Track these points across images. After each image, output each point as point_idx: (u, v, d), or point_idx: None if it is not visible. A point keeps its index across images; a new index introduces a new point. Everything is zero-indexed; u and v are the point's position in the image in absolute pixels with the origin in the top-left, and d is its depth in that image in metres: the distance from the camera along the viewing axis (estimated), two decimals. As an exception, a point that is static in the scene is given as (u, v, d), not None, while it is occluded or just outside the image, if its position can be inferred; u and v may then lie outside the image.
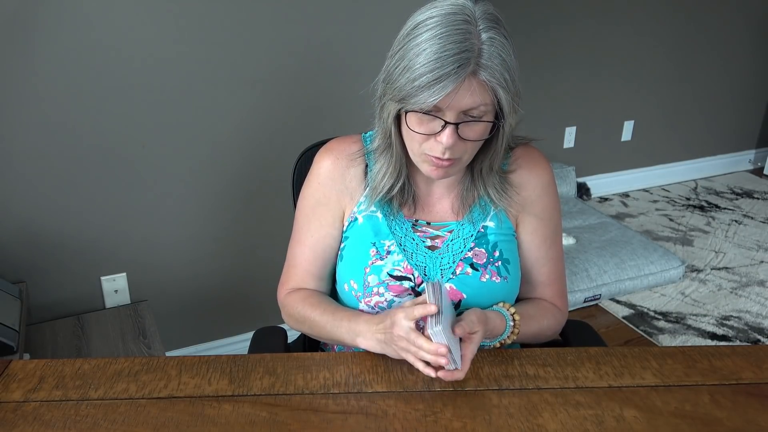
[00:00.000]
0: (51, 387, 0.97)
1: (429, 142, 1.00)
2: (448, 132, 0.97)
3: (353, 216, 1.15)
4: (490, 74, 0.94)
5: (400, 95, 0.97)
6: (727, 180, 4.10)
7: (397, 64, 0.97)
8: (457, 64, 0.92)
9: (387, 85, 1.00)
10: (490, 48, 0.94)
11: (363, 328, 1.04)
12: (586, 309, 2.69)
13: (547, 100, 3.40)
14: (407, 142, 1.05)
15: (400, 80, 0.96)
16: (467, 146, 1.01)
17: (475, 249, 1.12)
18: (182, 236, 2.09)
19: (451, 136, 0.97)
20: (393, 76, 0.98)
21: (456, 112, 0.96)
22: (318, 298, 1.17)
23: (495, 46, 0.94)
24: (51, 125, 1.80)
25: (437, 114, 0.97)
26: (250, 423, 0.89)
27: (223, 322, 2.26)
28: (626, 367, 1.03)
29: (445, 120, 0.96)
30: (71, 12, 1.73)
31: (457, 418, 0.91)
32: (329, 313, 1.11)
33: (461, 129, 0.98)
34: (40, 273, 1.92)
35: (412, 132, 1.00)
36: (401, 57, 0.97)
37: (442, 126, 0.97)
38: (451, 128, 0.97)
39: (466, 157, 1.04)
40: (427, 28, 0.94)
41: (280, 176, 1.99)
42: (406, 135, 1.04)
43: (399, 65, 0.97)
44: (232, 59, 1.96)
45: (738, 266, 3.03)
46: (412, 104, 0.96)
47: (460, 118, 0.97)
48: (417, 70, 0.93)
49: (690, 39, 3.70)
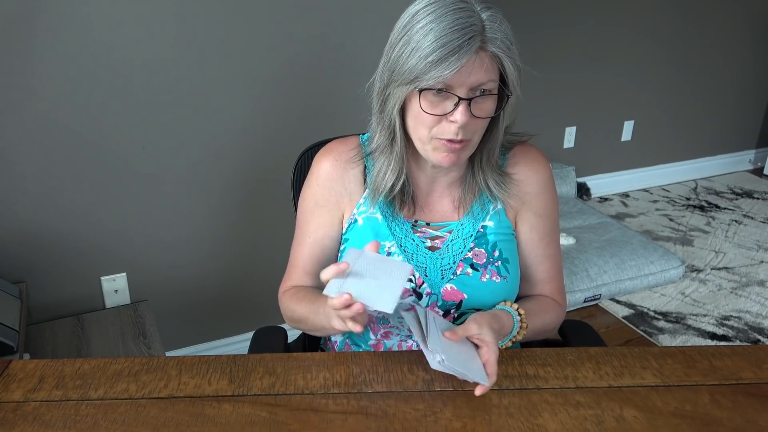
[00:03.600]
0: (51, 387, 0.97)
1: (441, 125, 1.00)
2: (462, 109, 0.97)
3: (353, 218, 1.15)
4: (497, 46, 0.96)
5: (411, 75, 0.97)
6: (727, 180, 4.10)
7: (403, 48, 0.98)
8: (467, 36, 0.93)
9: (393, 72, 1.00)
10: (492, 23, 0.96)
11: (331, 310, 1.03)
12: (586, 309, 2.69)
13: (547, 100, 3.40)
14: (415, 131, 1.04)
15: (410, 61, 0.96)
16: (477, 125, 1.02)
17: (474, 249, 1.12)
18: (182, 236, 2.09)
19: (465, 113, 0.97)
20: (400, 61, 0.98)
21: (467, 89, 0.97)
22: (304, 292, 1.16)
23: (496, 21, 0.96)
24: (51, 125, 1.80)
25: (450, 91, 0.97)
26: (250, 423, 0.89)
27: (223, 322, 2.26)
28: (626, 367, 1.03)
29: (458, 96, 0.97)
30: (71, 12, 1.73)
31: (457, 418, 0.91)
32: (311, 303, 1.11)
33: (472, 106, 0.98)
34: (40, 273, 1.92)
35: (423, 115, 1.00)
36: (406, 42, 0.98)
37: (455, 104, 0.97)
38: (465, 104, 0.97)
39: (475, 138, 1.04)
40: (428, 13, 0.96)
41: (280, 176, 1.99)
42: (414, 122, 1.03)
43: (405, 49, 0.97)
44: (232, 60, 1.96)
45: (738, 266, 3.03)
46: (426, 81, 0.96)
47: (471, 94, 0.98)
48: (428, 48, 0.94)
49: (690, 39, 3.70)
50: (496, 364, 0.94)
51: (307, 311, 1.11)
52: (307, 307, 1.12)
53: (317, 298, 1.12)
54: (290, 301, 1.17)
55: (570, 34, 3.35)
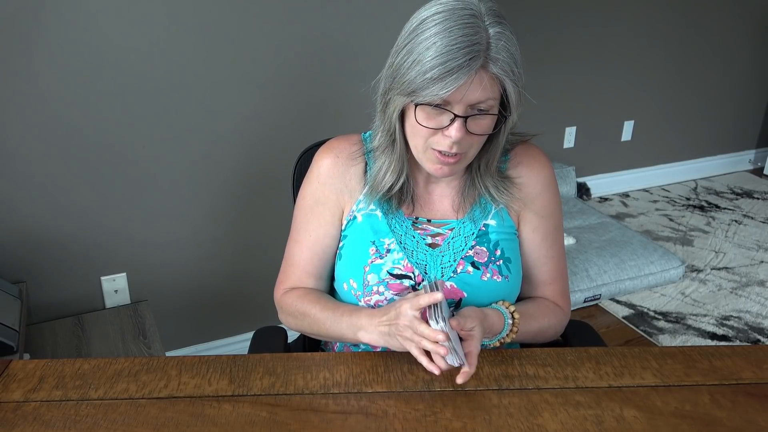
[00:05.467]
0: (51, 387, 0.97)
1: (436, 136, 1.00)
2: (457, 125, 0.97)
3: (352, 215, 1.15)
4: (499, 67, 0.95)
5: (409, 89, 0.97)
6: (727, 180, 4.10)
7: (405, 58, 0.97)
8: (468, 56, 0.92)
9: (394, 80, 1.00)
10: (498, 42, 0.94)
11: (365, 322, 1.04)
12: (586, 309, 2.69)
13: (547, 100, 3.40)
14: (411, 139, 1.05)
15: (410, 74, 0.96)
16: (473, 140, 1.01)
17: (476, 247, 1.12)
18: (182, 236, 2.09)
19: (460, 130, 0.97)
20: (401, 71, 0.98)
21: (464, 106, 0.96)
22: (317, 295, 1.16)
23: (503, 40, 0.95)
24: (51, 125, 1.80)
25: (446, 107, 0.97)
26: (250, 423, 0.89)
27: (223, 322, 2.26)
28: (626, 367, 1.03)
29: (454, 113, 0.97)
30: (72, 13, 1.73)
31: (457, 418, 0.91)
32: (329, 310, 1.11)
33: (468, 123, 0.98)
34: (40, 273, 1.92)
35: (418, 126, 1.00)
36: (409, 51, 0.97)
37: (451, 120, 0.97)
38: (460, 122, 0.97)
39: (471, 152, 1.04)
40: (435, 23, 0.95)
41: (281, 176, 1.99)
42: (411, 131, 1.04)
43: (407, 59, 0.97)
44: (232, 59, 1.96)
45: (738, 266, 3.03)
46: (423, 97, 0.96)
47: (468, 111, 0.97)
48: (428, 63, 0.94)
49: (690, 39, 3.70)
50: (476, 359, 0.95)
51: (324, 317, 1.11)
52: (323, 313, 1.11)
53: (337, 305, 1.12)
54: (299, 302, 1.15)
55: (570, 35, 3.35)
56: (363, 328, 1.04)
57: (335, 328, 1.09)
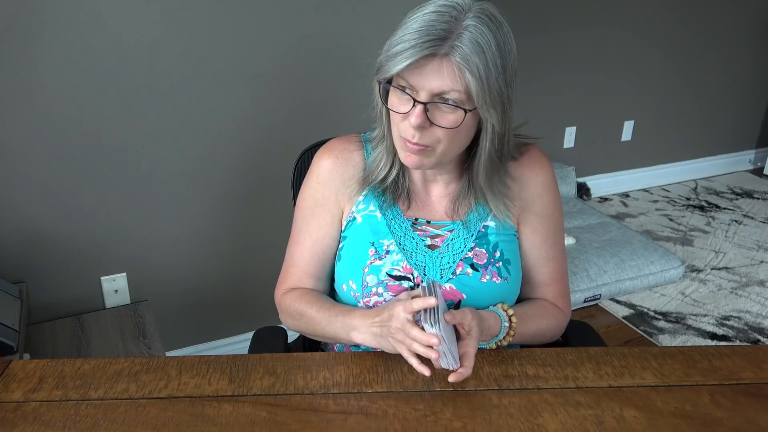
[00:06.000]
0: (51, 387, 0.97)
1: (404, 123, 1.01)
2: (417, 111, 0.97)
3: (352, 215, 1.15)
4: (461, 57, 0.93)
5: (377, 66, 1.00)
6: (727, 180, 4.10)
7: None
8: (428, 38, 0.93)
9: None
10: (469, 33, 0.94)
11: (358, 322, 1.04)
12: (586, 309, 2.69)
13: (547, 100, 3.40)
14: (392, 127, 1.06)
15: (382, 53, 0.99)
16: (439, 135, 1.00)
17: (475, 249, 1.12)
18: (182, 236, 2.09)
19: (419, 116, 0.97)
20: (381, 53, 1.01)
21: (428, 93, 0.96)
22: (315, 295, 1.16)
23: (474, 33, 0.94)
24: (51, 125, 1.80)
25: (411, 94, 0.98)
26: (250, 423, 0.89)
27: (223, 322, 2.26)
28: (626, 367, 1.03)
29: (415, 99, 0.97)
30: (72, 13, 1.73)
31: (457, 418, 0.91)
32: (325, 309, 1.11)
33: (432, 113, 0.98)
34: (40, 273, 1.92)
35: (392, 113, 1.02)
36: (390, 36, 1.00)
37: (413, 105, 0.98)
38: (420, 107, 0.97)
39: (440, 148, 1.02)
40: (419, 12, 0.97)
41: (281, 176, 1.99)
42: (391, 119, 1.05)
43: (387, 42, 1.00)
44: (232, 59, 1.96)
45: (738, 266, 3.03)
46: (383, 73, 0.98)
47: (432, 99, 0.97)
48: (394, 41, 0.97)
49: (690, 39, 3.70)
50: (473, 359, 0.95)
51: (320, 317, 1.11)
52: (319, 313, 1.11)
53: (333, 305, 1.13)
54: (297, 302, 1.15)
55: (570, 35, 3.35)
56: (356, 328, 1.04)
57: (329, 328, 1.09)
